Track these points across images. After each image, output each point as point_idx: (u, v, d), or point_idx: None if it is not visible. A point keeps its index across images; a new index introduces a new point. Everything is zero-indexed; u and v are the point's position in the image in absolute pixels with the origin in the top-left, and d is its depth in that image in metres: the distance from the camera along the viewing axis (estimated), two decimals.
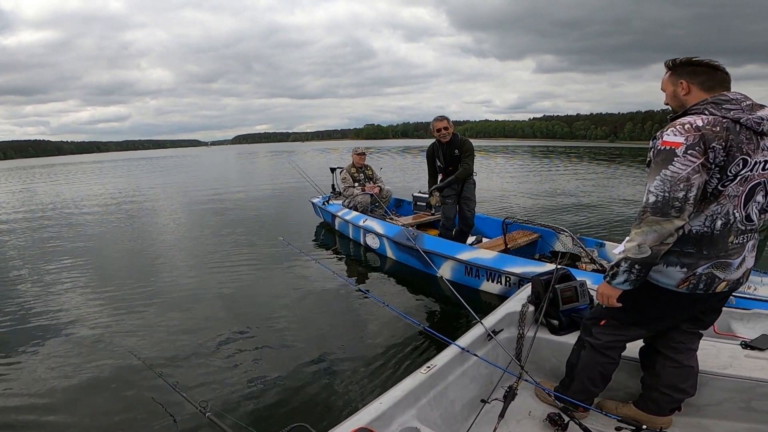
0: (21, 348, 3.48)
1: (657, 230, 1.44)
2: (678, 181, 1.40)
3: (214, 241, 7.17)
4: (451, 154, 4.88)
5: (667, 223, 1.42)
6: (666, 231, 1.43)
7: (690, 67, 1.54)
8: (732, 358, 1.96)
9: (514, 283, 4.03)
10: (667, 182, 1.41)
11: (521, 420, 2.01)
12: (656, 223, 1.44)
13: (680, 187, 1.40)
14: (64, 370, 3.12)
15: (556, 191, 12.32)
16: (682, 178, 1.40)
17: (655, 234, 1.44)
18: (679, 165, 1.40)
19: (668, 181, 1.41)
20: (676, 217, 1.42)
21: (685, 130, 1.42)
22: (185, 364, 3.15)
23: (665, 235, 1.44)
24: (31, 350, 3.44)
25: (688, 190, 1.40)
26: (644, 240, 1.46)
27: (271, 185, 16.29)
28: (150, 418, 2.51)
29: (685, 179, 1.40)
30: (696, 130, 1.41)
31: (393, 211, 6.73)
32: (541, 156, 32.60)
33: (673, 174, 1.41)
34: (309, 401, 2.69)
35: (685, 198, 1.40)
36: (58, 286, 5.02)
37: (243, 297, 4.60)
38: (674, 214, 1.42)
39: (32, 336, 3.69)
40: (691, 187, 1.40)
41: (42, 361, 3.27)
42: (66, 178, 25.94)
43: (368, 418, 1.52)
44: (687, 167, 1.40)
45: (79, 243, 7.42)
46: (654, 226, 1.44)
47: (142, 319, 3.98)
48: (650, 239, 1.45)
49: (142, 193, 15.75)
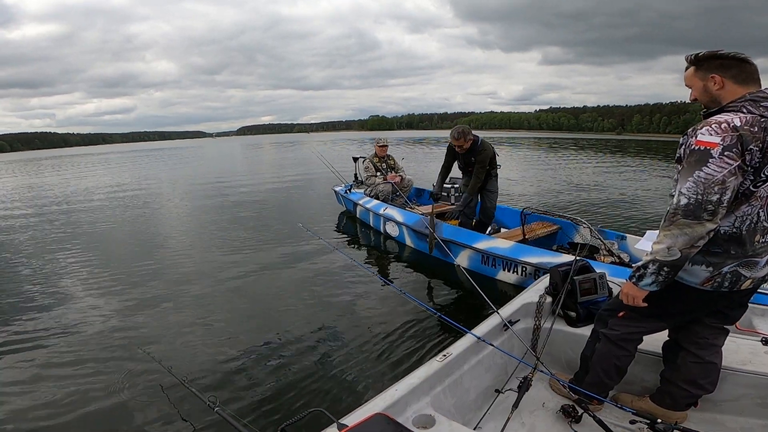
0: (30, 342, 3.48)
1: (688, 233, 1.40)
2: (713, 184, 1.35)
3: (232, 233, 7.17)
4: (468, 162, 5.03)
5: (699, 226, 1.38)
6: (697, 234, 1.39)
7: (718, 60, 1.48)
8: (752, 354, 1.94)
9: (530, 273, 4.04)
10: (700, 184, 1.36)
11: (535, 411, 2.02)
12: (687, 226, 1.40)
13: (714, 190, 1.35)
14: (73, 364, 3.11)
15: (573, 183, 12.12)
16: (717, 181, 1.35)
17: (686, 237, 1.40)
18: (714, 167, 1.35)
19: (702, 183, 1.36)
20: (708, 221, 1.38)
21: (721, 129, 1.36)
22: (195, 359, 3.12)
23: (696, 239, 1.40)
24: (40, 344, 3.43)
25: (722, 193, 1.35)
26: (674, 243, 1.43)
27: (290, 175, 16.38)
28: (159, 412, 2.52)
29: (720, 182, 1.35)
30: (733, 131, 1.35)
31: (413, 201, 6.87)
32: (547, 148, 31.86)
33: (707, 176, 1.35)
34: (324, 388, 2.73)
35: (719, 201, 1.36)
36: (69, 280, 5.00)
37: (258, 286, 4.61)
38: (707, 218, 1.37)
39: (41, 329, 3.68)
40: (726, 191, 1.36)
41: (50, 354, 3.26)
42: (80, 169, 25.15)
43: (384, 404, 1.55)
44: (723, 170, 1.34)
45: (94, 234, 7.42)
46: (685, 229, 1.40)
47: (152, 314, 3.94)
48: (681, 242, 1.42)
49: (159, 182, 15.82)
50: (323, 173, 9.17)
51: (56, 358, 3.23)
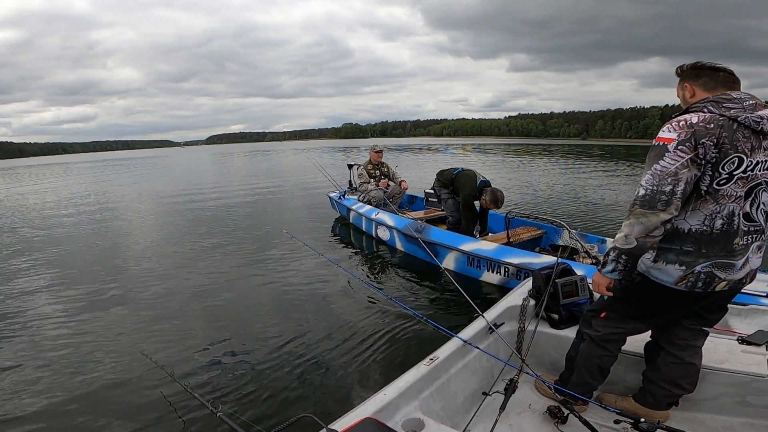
0: (30, 349, 3.44)
1: (643, 222, 1.48)
2: (666, 176, 1.45)
3: (222, 239, 7.14)
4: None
5: (653, 216, 1.47)
6: (652, 223, 1.47)
7: (693, 71, 1.59)
8: (729, 353, 1.99)
9: (512, 273, 4.15)
10: (656, 176, 1.46)
11: (522, 413, 2.05)
12: (643, 215, 1.49)
13: (668, 181, 1.44)
14: (75, 370, 3.09)
15: (551, 188, 12.28)
16: (670, 173, 1.44)
17: (642, 226, 1.49)
18: (669, 160, 1.45)
19: (657, 175, 1.46)
20: (662, 211, 1.46)
21: (679, 126, 1.46)
22: (195, 364, 3.13)
23: (651, 228, 1.48)
24: (41, 351, 3.39)
25: (675, 184, 1.44)
26: (631, 231, 1.51)
27: (275, 183, 16.21)
28: (161, 417, 2.52)
29: (673, 174, 1.44)
30: (689, 127, 1.44)
31: (406, 207, 7.14)
32: (522, 154, 32.21)
33: (662, 169, 1.45)
34: (314, 393, 2.73)
35: (672, 192, 1.45)
36: (72, 288, 4.89)
37: (248, 294, 4.59)
38: (660, 207, 1.46)
39: (43, 337, 3.64)
40: (678, 182, 1.44)
41: (52, 361, 3.23)
42: (40, 180, 23.82)
43: (373, 409, 1.55)
44: (676, 162, 1.44)
45: (95, 243, 7.30)
46: (641, 218, 1.49)
47: (151, 320, 3.93)
48: (636, 231, 1.50)
49: (136, 192, 15.48)
50: (315, 181, 9.21)
51: (55, 363, 3.20)
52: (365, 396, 1.78)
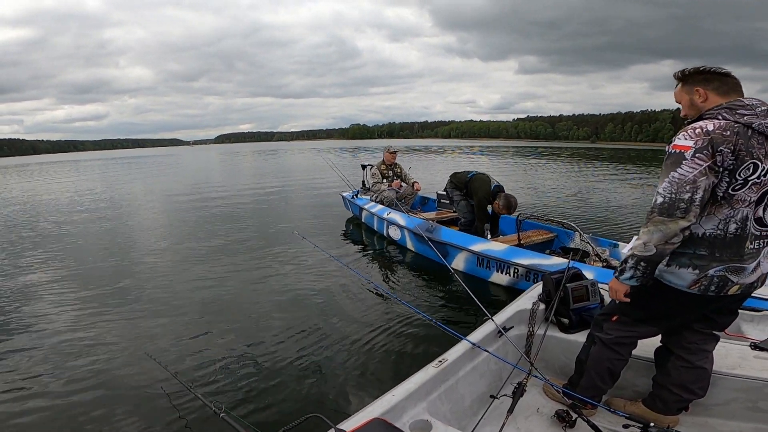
0: (34, 347, 3.45)
1: (662, 230, 1.49)
2: (684, 183, 1.45)
3: (231, 238, 7.19)
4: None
5: (672, 223, 1.47)
6: (671, 231, 1.48)
7: (701, 75, 1.58)
8: (741, 358, 1.98)
9: (522, 274, 4.16)
10: (674, 184, 1.46)
11: (530, 416, 2.04)
12: (662, 223, 1.49)
13: (686, 189, 1.45)
14: (78, 368, 3.10)
15: (564, 192, 12.25)
16: (688, 181, 1.44)
17: (661, 233, 1.49)
18: (687, 168, 1.45)
19: (675, 183, 1.46)
20: (681, 218, 1.46)
21: (695, 134, 1.46)
22: (199, 365, 3.12)
23: (670, 235, 1.48)
24: (44, 349, 3.40)
25: (693, 192, 1.44)
26: (650, 238, 1.52)
27: (285, 182, 16.27)
28: (164, 418, 2.53)
29: (692, 181, 1.44)
30: (706, 135, 1.44)
31: (418, 208, 7.23)
32: (530, 156, 32.06)
33: (680, 176, 1.46)
34: (322, 394, 2.74)
35: (690, 199, 1.45)
36: (78, 285, 4.94)
37: (255, 294, 4.60)
38: (679, 215, 1.46)
39: (47, 335, 3.66)
40: (697, 189, 1.44)
41: (54, 360, 3.24)
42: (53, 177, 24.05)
43: (381, 410, 1.56)
44: (694, 170, 1.44)
45: (104, 240, 7.37)
46: (660, 225, 1.49)
47: (156, 319, 3.94)
48: (656, 238, 1.50)
49: (146, 191, 15.65)
50: (325, 181, 9.27)
51: (60, 364, 3.19)
52: (373, 397, 1.79)
